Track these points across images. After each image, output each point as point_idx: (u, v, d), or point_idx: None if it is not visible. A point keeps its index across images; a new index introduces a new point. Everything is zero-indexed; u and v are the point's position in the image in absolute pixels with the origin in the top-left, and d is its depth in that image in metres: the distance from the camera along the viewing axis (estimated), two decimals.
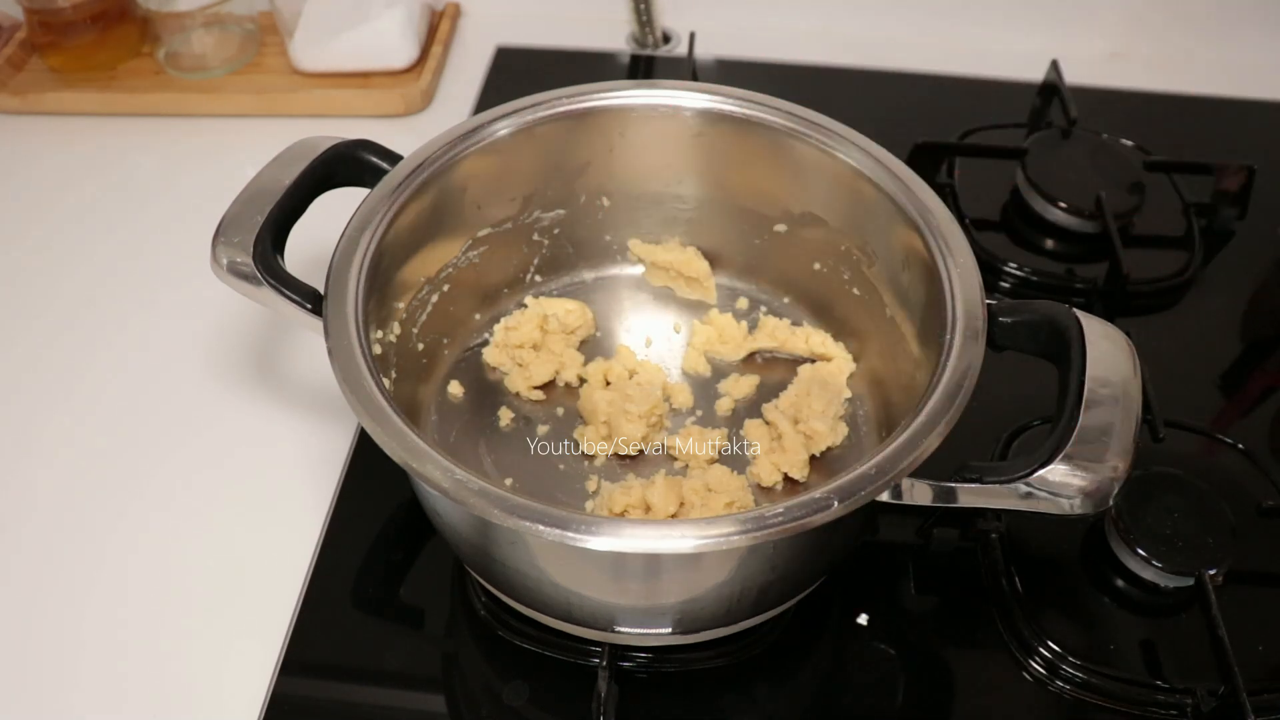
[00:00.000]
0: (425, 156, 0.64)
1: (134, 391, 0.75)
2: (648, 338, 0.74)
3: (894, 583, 0.64)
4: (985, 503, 0.52)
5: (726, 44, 1.04)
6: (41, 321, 0.80)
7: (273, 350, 0.78)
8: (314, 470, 0.70)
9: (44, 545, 0.66)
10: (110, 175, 0.92)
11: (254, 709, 0.58)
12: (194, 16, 0.96)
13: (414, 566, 0.65)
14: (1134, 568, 0.63)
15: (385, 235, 0.60)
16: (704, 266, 0.74)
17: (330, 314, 0.55)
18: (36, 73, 0.98)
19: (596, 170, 0.71)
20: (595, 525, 0.46)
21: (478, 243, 0.70)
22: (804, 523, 0.46)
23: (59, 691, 0.60)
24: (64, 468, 0.71)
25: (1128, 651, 0.61)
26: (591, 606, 0.55)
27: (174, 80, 0.97)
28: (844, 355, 0.70)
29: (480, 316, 0.73)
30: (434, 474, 0.48)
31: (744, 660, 0.61)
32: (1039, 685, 0.60)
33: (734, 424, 0.68)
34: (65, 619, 0.63)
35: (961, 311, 0.55)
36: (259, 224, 0.57)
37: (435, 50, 1.01)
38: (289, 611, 0.62)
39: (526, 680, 0.60)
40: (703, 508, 0.61)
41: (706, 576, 0.52)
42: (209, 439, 0.72)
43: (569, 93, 0.68)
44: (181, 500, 0.69)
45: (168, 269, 0.83)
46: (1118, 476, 0.49)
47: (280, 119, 0.96)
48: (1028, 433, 0.70)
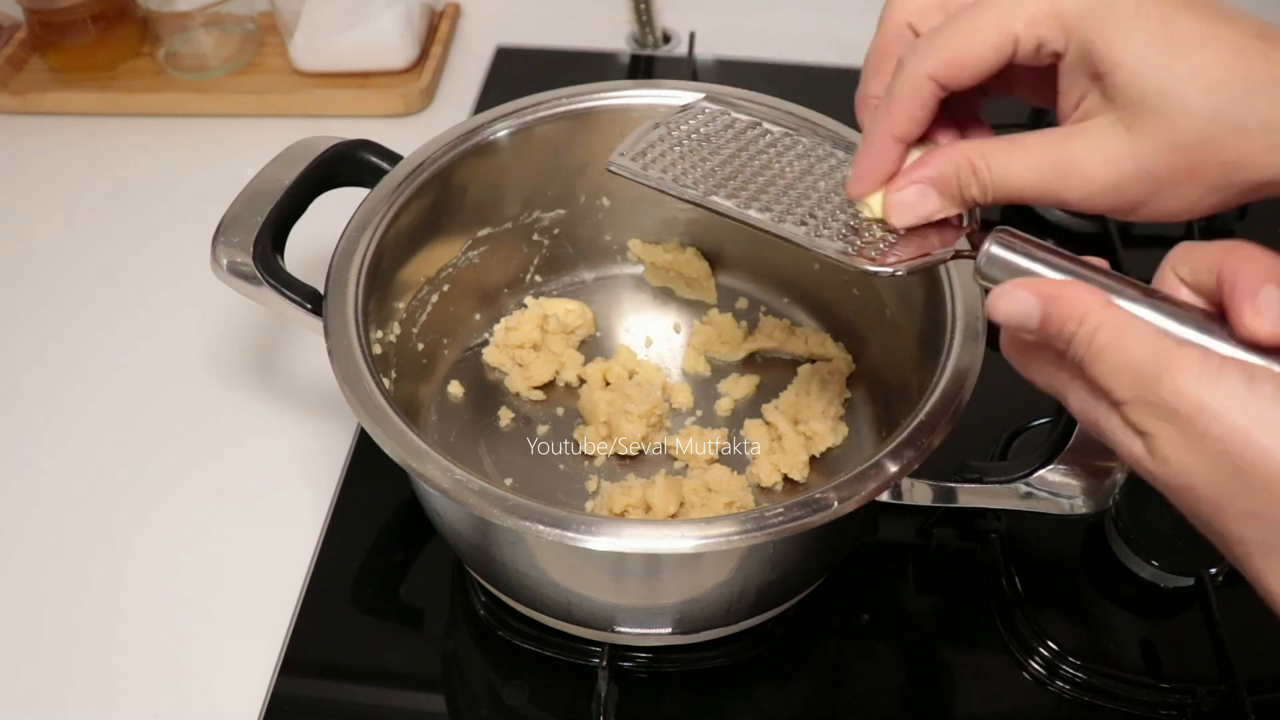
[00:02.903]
0: (425, 156, 0.64)
1: (134, 392, 0.75)
2: (648, 338, 0.74)
3: (894, 583, 0.64)
4: (985, 503, 0.53)
5: (726, 44, 1.04)
6: (42, 321, 0.80)
7: (273, 350, 0.78)
8: (314, 470, 0.70)
9: (44, 545, 0.66)
10: (110, 175, 0.92)
11: (254, 709, 0.58)
12: (194, 16, 0.96)
13: (414, 566, 0.65)
14: (1134, 568, 0.63)
15: (385, 235, 0.60)
16: (704, 266, 0.74)
17: (330, 314, 0.55)
18: (36, 73, 0.98)
19: (596, 170, 0.71)
20: (595, 525, 0.46)
21: (478, 243, 0.70)
22: (804, 523, 0.46)
23: (58, 691, 0.60)
24: (64, 468, 0.70)
25: (1128, 651, 0.61)
26: (591, 606, 0.55)
27: (174, 80, 0.97)
28: (844, 355, 0.70)
29: (480, 316, 0.73)
30: (434, 474, 0.48)
31: (744, 660, 0.61)
32: (1039, 685, 0.60)
33: (734, 424, 0.68)
34: (65, 618, 0.63)
35: (961, 311, 0.55)
36: (259, 224, 0.58)
37: (435, 50, 1.01)
38: (289, 611, 0.62)
39: (526, 680, 0.60)
40: (703, 508, 0.61)
41: (706, 576, 0.52)
42: (209, 438, 0.72)
43: (569, 93, 0.68)
44: (182, 500, 0.69)
45: (168, 269, 0.83)
46: (1117, 476, 0.49)
47: (280, 119, 0.96)
48: (1028, 433, 0.70)
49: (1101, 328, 0.34)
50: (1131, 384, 0.34)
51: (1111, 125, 0.37)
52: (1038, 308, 0.36)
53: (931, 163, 0.41)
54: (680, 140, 0.48)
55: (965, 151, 0.40)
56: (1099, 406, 0.36)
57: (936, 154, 0.41)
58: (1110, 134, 0.37)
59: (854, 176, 0.43)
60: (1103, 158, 0.37)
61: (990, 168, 0.39)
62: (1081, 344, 0.35)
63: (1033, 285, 0.37)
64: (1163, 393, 0.33)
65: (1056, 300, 0.36)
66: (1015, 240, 0.38)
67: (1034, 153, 0.39)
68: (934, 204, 0.42)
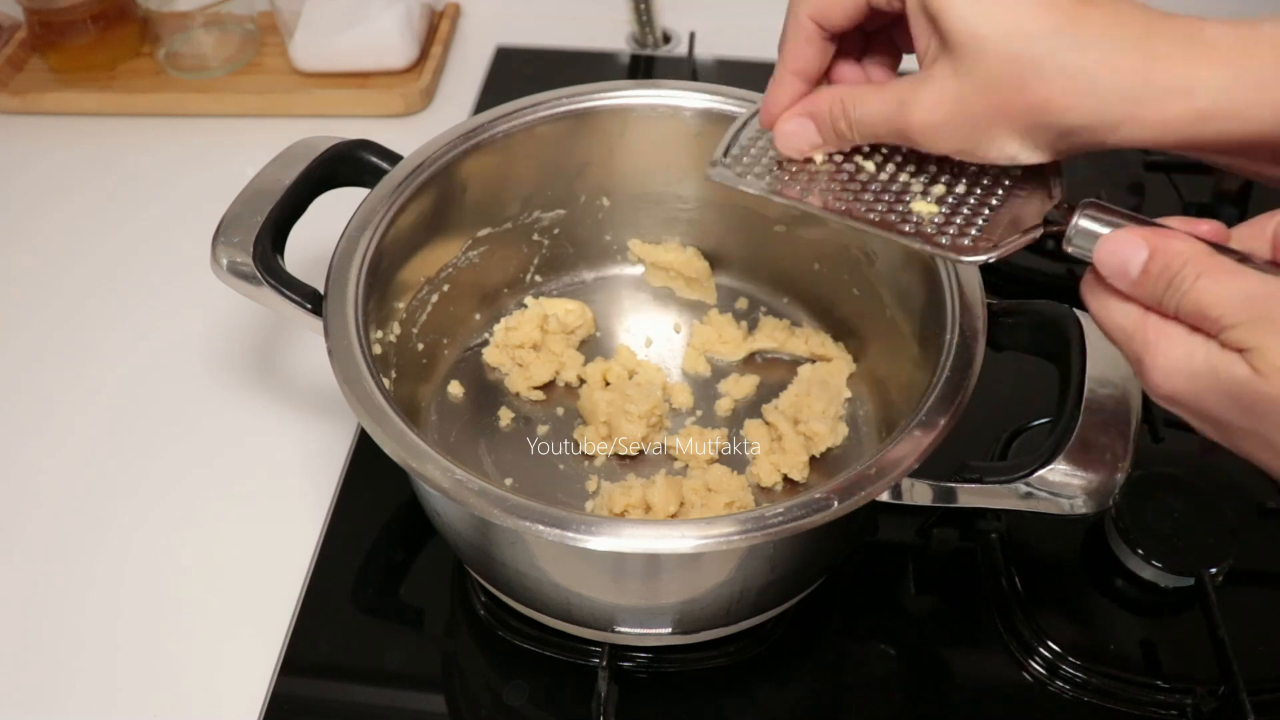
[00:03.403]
0: (425, 156, 0.64)
1: (134, 392, 0.75)
2: (648, 338, 0.74)
3: (894, 583, 0.64)
4: (985, 503, 0.53)
5: (726, 44, 1.04)
6: (42, 321, 0.80)
7: (273, 350, 0.78)
8: (314, 470, 0.70)
9: (44, 545, 0.66)
10: (110, 175, 0.92)
11: (254, 709, 0.58)
12: (194, 16, 0.96)
13: (414, 566, 0.65)
14: (1134, 568, 0.63)
15: (385, 235, 0.60)
16: (704, 266, 0.74)
17: (330, 314, 0.55)
18: (36, 73, 0.98)
19: (596, 170, 0.71)
20: (595, 525, 0.46)
21: (478, 243, 0.70)
22: (804, 523, 0.46)
23: (58, 691, 0.60)
24: (63, 468, 0.70)
25: (1128, 651, 0.61)
26: (591, 606, 0.55)
27: (174, 80, 0.97)
28: (844, 355, 0.70)
29: (480, 316, 0.73)
30: (434, 474, 0.48)
31: (744, 660, 0.61)
32: (1039, 685, 0.60)
33: (734, 424, 0.68)
34: (65, 618, 0.63)
35: (961, 311, 0.55)
36: (259, 224, 0.58)
37: (435, 50, 1.01)
38: (289, 611, 0.62)
39: (526, 680, 0.60)
40: (703, 508, 0.61)
41: (706, 576, 0.52)
42: (209, 438, 0.72)
43: (569, 93, 0.68)
44: (182, 500, 0.69)
45: (168, 269, 0.83)
46: (1117, 477, 0.49)
47: (280, 119, 0.96)
48: (1028, 433, 0.70)
49: (1206, 268, 0.37)
50: (1242, 307, 0.35)
51: (944, 68, 0.42)
52: (1145, 248, 0.38)
53: (813, 100, 0.48)
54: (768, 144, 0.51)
55: (840, 92, 0.46)
56: (1193, 339, 0.37)
57: (819, 93, 0.48)
58: (942, 76, 0.42)
59: (762, 107, 0.50)
60: (935, 98, 0.42)
61: (855, 106, 0.45)
62: (1188, 278, 0.37)
63: (1142, 231, 0.39)
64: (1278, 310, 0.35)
65: (1164, 244, 0.38)
66: (1104, 213, 0.41)
67: (887, 92, 0.44)
68: (812, 135, 0.47)
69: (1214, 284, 0.36)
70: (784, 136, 0.48)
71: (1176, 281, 0.37)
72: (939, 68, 0.42)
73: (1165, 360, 0.38)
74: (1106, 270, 0.39)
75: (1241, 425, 0.37)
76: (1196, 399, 0.37)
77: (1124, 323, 0.39)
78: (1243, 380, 0.35)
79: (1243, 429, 0.37)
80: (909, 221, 0.46)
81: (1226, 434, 0.38)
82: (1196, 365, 0.37)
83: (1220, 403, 0.37)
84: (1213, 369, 0.36)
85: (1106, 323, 0.40)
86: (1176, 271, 0.37)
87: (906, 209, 0.46)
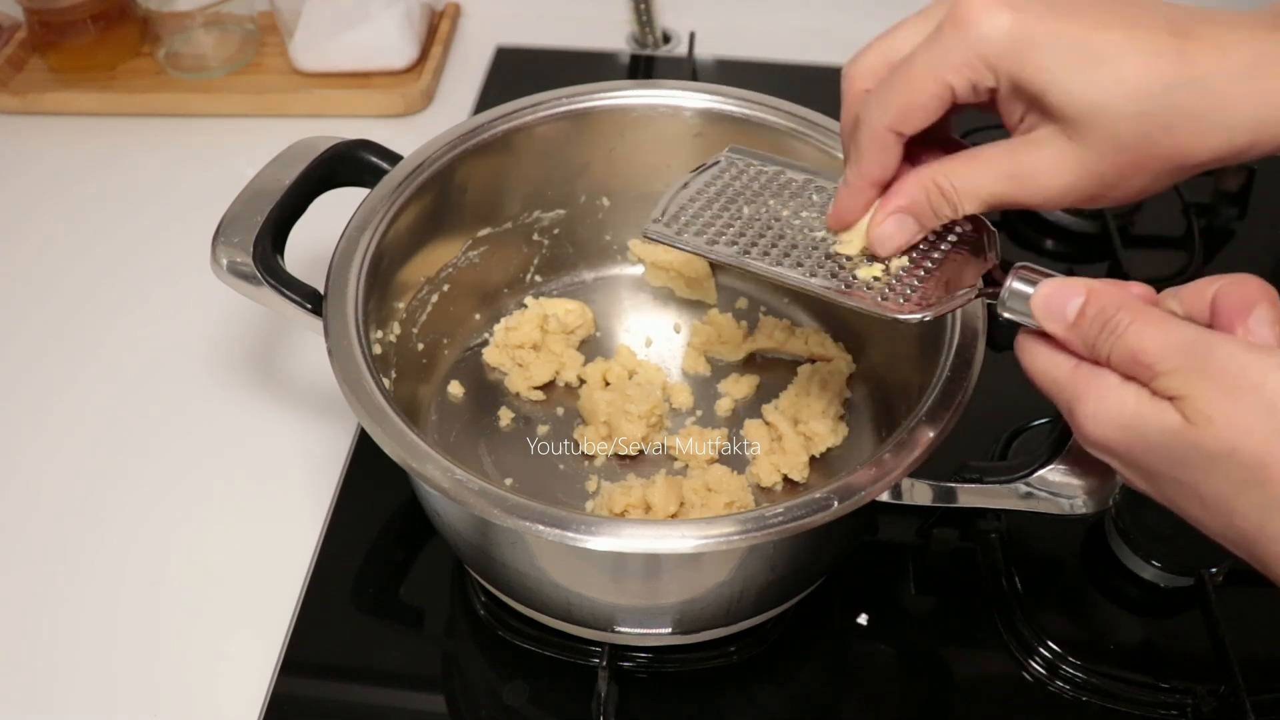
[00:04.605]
0: (425, 156, 0.64)
1: (133, 392, 0.75)
2: (648, 338, 0.74)
3: (894, 583, 0.64)
4: (985, 503, 0.53)
5: (726, 44, 1.04)
6: (41, 321, 0.80)
7: (273, 350, 0.78)
8: (314, 470, 0.70)
9: (44, 545, 0.66)
10: (110, 175, 0.92)
11: (254, 709, 0.58)
12: (194, 16, 0.96)
13: (414, 566, 0.65)
14: (1134, 568, 0.63)
15: (385, 235, 0.60)
16: (704, 266, 0.74)
17: (330, 314, 0.55)
18: (36, 73, 0.98)
19: (596, 170, 0.71)
20: (595, 525, 0.46)
21: (478, 243, 0.70)
22: (804, 523, 0.46)
23: (58, 691, 0.60)
24: (63, 468, 0.70)
25: (1128, 651, 0.61)
26: (591, 606, 0.55)
27: (174, 80, 0.97)
28: (844, 355, 0.70)
29: (480, 316, 0.73)
30: (434, 474, 0.48)
31: (744, 660, 0.61)
32: (1039, 685, 0.60)
33: (734, 424, 0.68)
34: (64, 618, 0.63)
35: (961, 312, 0.55)
36: (259, 224, 0.58)
37: (435, 50, 1.01)
38: (289, 611, 0.62)
39: (526, 680, 0.60)
40: (703, 508, 0.61)
41: (706, 576, 0.52)
42: (209, 438, 0.72)
43: (569, 93, 0.68)
44: (182, 500, 0.69)
45: (168, 269, 0.83)
46: (1117, 477, 0.49)
47: (280, 119, 0.96)
48: (1028, 433, 0.70)
49: (1141, 314, 0.37)
50: (1175, 354, 0.36)
51: (1055, 135, 0.40)
52: (1083, 293, 0.39)
53: (902, 191, 0.44)
54: (711, 199, 0.50)
55: (929, 175, 0.43)
56: (1124, 387, 0.37)
57: (904, 183, 0.44)
58: (1055, 143, 0.40)
59: (833, 211, 0.47)
60: (1052, 166, 0.40)
61: (955, 186, 0.43)
62: (1123, 322, 0.37)
63: (1078, 280, 0.40)
64: (1211, 358, 0.35)
65: (1101, 290, 0.39)
66: (1036, 275, 0.41)
67: (992, 165, 0.42)
68: (912, 229, 0.45)
69: (1148, 329, 0.36)
70: (882, 240, 0.45)
71: (1111, 325, 0.37)
72: (1047, 134, 0.40)
73: (1096, 409, 0.38)
74: (1042, 314, 0.40)
75: (1172, 475, 0.37)
76: (1127, 448, 0.37)
77: (1055, 374, 0.40)
78: (1173, 430, 0.35)
79: (1173, 479, 0.37)
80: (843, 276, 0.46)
81: (1156, 484, 0.38)
82: (1127, 414, 0.37)
83: (1150, 452, 0.37)
84: (1143, 418, 0.36)
85: (1037, 374, 0.41)
86: (1111, 315, 0.37)
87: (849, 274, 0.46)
